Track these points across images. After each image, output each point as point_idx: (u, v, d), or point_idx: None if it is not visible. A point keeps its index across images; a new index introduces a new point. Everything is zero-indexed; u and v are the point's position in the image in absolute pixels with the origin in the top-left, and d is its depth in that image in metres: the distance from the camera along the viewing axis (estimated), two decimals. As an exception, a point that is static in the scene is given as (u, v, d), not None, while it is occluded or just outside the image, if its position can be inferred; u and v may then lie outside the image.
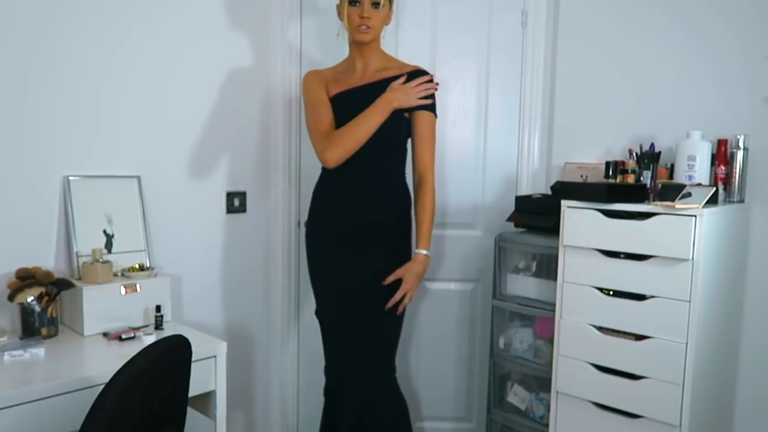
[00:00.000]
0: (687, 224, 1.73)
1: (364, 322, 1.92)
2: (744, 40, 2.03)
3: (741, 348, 2.08)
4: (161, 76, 2.11)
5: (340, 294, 1.96)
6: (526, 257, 2.33)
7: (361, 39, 1.91)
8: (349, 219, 1.93)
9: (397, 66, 1.99)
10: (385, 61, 2.00)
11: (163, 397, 1.35)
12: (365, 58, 1.98)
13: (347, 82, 1.96)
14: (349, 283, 1.94)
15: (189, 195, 2.23)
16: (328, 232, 1.96)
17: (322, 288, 2.02)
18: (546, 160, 2.50)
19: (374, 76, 1.96)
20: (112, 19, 1.98)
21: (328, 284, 1.99)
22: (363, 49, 1.96)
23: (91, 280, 1.81)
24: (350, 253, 1.92)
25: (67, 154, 1.91)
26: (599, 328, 1.94)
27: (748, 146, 1.97)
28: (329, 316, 2.00)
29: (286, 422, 2.60)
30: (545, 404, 2.25)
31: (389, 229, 1.94)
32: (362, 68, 1.98)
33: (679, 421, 1.78)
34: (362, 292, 1.92)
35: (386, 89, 1.89)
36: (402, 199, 1.98)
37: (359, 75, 1.97)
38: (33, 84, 1.83)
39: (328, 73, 2.02)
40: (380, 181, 1.94)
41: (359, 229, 1.92)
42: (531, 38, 2.43)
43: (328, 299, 2.00)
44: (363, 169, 1.90)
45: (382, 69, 1.97)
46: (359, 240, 1.92)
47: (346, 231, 1.93)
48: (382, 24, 1.93)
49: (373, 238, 1.92)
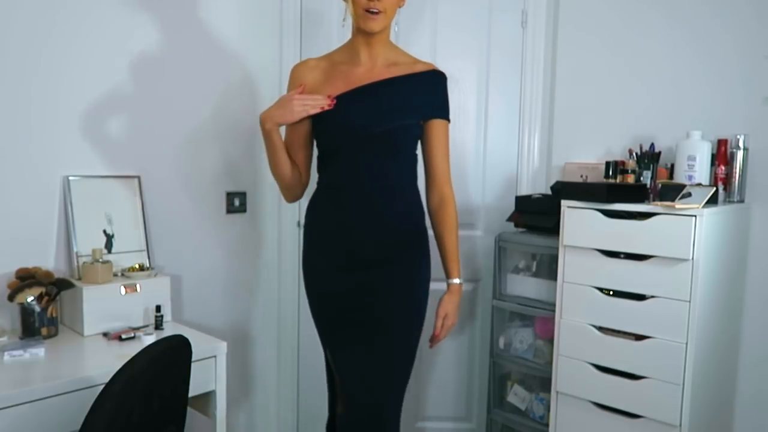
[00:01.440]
0: (687, 224, 1.74)
1: (386, 360, 1.62)
2: (744, 41, 2.03)
3: (741, 348, 2.08)
4: (161, 76, 2.11)
5: (354, 330, 1.64)
6: (526, 257, 2.33)
7: (370, 28, 1.56)
8: (358, 240, 1.62)
9: (408, 62, 1.69)
10: (396, 55, 1.68)
11: (163, 396, 1.35)
12: (373, 48, 1.63)
13: (350, 77, 1.63)
14: (364, 317, 1.63)
15: (189, 195, 2.23)
16: (332, 258, 1.66)
17: (331, 325, 1.69)
18: (546, 160, 2.50)
19: (383, 72, 1.63)
20: (113, 20, 1.98)
21: (338, 320, 1.67)
22: (371, 38, 1.61)
23: (91, 280, 1.81)
24: (362, 281, 1.62)
25: (67, 154, 1.91)
26: (599, 328, 1.94)
27: (748, 146, 1.97)
28: (343, 358, 1.66)
29: (286, 422, 2.60)
30: (545, 404, 2.25)
31: (407, 247, 1.66)
32: (369, 61, 1.64)
33: (679, 421, 1.78)
34: (383, 325, 1.62)
35: (398, 90, 1.62)
36: (418, 209, 1.71)
37: (365, 69, 1.64)
38: (33, 84, 1.83)
39: (323, 64, 1.68)
40: (392, 192, 1.64)
41: (370, 252, 1.62)
42: (531, 38, 2.43)
43: (339, 338, 1.67)
44: (369, 180, 1.61)
45: (392, 64, 1.65)
46: (371, 264, 1.62)
47: (355, 255, 1.62)
48: (395, 7, 1.58)
49: (388, 258, 1.63)
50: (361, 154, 1.61)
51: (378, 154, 1.60)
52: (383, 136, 1.60)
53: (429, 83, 1.68)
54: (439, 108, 1.70)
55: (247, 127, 2.38)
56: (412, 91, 1.65)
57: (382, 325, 1.63)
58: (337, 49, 1.72)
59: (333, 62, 1.68)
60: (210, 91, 2.26)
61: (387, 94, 1.61)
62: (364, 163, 1.60)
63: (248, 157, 2.41)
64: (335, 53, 1.71)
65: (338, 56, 1.69)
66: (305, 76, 1.67)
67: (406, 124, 1.63)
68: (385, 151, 1.61)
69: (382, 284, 1.63)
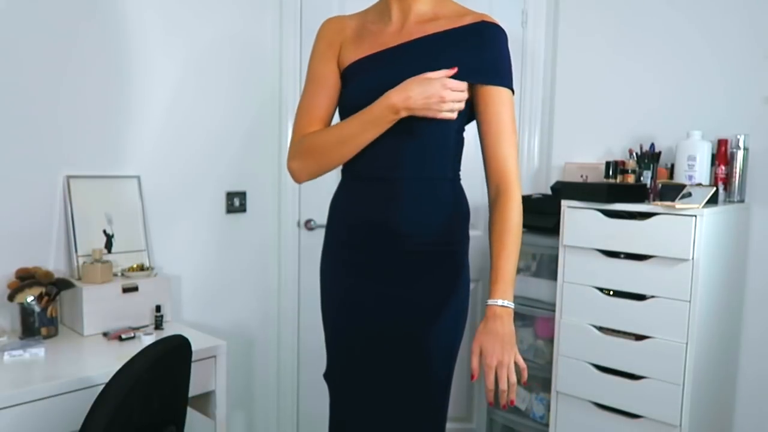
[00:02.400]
0: (687, 224, 1.73)
1: (410, 391, 1.29)
2: (744, 40, 2.03)
3: (741, 348, 2.08)
4: (161, 76, 2.11)
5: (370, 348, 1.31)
6: (526, 257, 2.33)
7: None
8: (382, 244, 1.28)
9: (453, 14, 1.29)
10: (439, 7, 1.31)
11: (163, 396, 1.35)
12: (405, 1, 1.28)
13: (375, 39, 1.30)
14: (386, 333, 1.30)
15: (189, 195, 2.23)
16: (350, 262, 1.33)
17: (341, 339, 1.36)
18: (546, 160, 2.50)
19: (415, 30, 1.28)
20: (112, 20, 1.98)
21: (350, 334, 1.34)
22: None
23: (91, 280, 1.81)
24: (384, 292, 1.29)
25: (67, 154, 1.91)
26: (599, 328, 1.94)
27: (748, 146, 1.97)
28: (351, 383, 1.34)
29: (286, 422, 2.60)
30: (545, 404, 2.25)
31: (442, 257, 1.30)
32: (400, 17, 1.29)
33: (679, 421, 1.78)
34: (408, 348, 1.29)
35: (429, 51, 1.25)
36: (462, 210, 1.36)
37: (394, 28, 1.29)
38: (33, 84, 1.83)
39: (352, 22, 1.35)
40: (430, 189, 1.29)
41: (398, 259, 1.28)
42: (531, 38, 2.43)
43: (350, 356, 1.34)
44: (405, 173, 1.27)
45: (429, 19, 1.29)
46: (396, 272, 1.29)
47: (377, 261, 1.29)
48: None
49: (417, 269, 1.29)
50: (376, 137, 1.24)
51: (396, 138, 1.24)
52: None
53: (477, 39, 1.26)
54: (493, 71, 1.26)
55: (247, 127, 2.38)
56: (451, 51, 1.25)
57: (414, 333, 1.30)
58: (372, 6, 1.38)
59: (364, 21, 1.35)
60: (209, 91, 2.26)
61: (411, 58, 1.24)
62: (380, 149, 1.25)
63: (248, 157, 2.41)
64: (369, 11, 1.37)
65: (371, 14, 1.36)
66: (338, 33, 1.34)
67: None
68: (405, 134, 1.24)
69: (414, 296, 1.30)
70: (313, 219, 2.50)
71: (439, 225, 1.29)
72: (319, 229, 2.51)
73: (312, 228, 2.51)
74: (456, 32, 1.26)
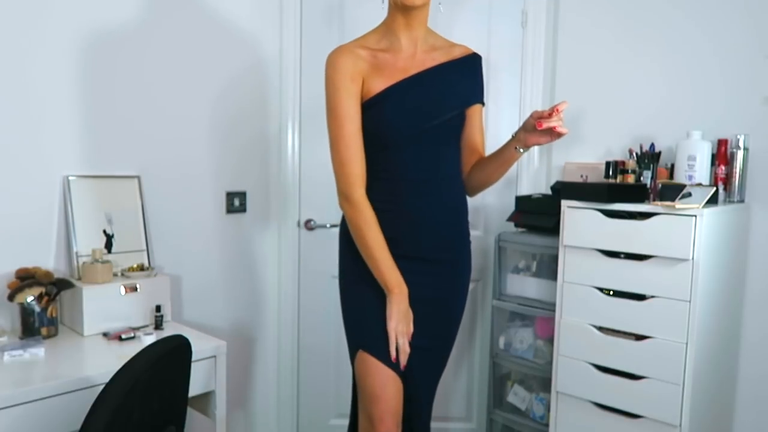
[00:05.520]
0: (687, 224, 1.73)
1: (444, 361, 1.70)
2: (744, 40, 2.02)
3: (741, 348, 2.08)
4: (161, 76, 2.11)
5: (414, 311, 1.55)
6: (526, 257, 2.33)
7: (412, 2, 1.43)
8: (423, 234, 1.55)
9: (445, 45, 1.59)
10: (433, 38, 1.58)
11: (163, 396, 1.35)
12: (413, 31, 1.50)
13: (393, 66, 1.50)
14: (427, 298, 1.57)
15: (189, 195, 2.23)
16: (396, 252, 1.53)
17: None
18: (546, 160, 2.50)
19: (426, 59, 1.53)
20: (111, 20, 1.98)
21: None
22: (412, 19, 1.48)
23: (91, 280, 1.81)
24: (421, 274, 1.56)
25: (67, 154, 1.91)
26: (599, 328, 1.94)
27: (748, 146, 1.97)
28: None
29: (286, 422, 2.60)
30: (545, 404, 2.25)
31: (465, 242, 1.66)
32: (409, 45, 1.52)
33: (679, 421, 1.78)
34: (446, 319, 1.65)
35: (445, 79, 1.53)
36: (466, 201, 1.69)
37: (408, 55, 1.52)
38: (33, 84, 1.83)
39: (362, 52, 1.51)
40: (454, 185, 1.61)
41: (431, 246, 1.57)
42: (531, 38, 2.43)
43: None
44: (436, 172, 1.55)
45: (430, 48, 1.56)
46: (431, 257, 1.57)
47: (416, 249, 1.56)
48: None
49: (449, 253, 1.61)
50: (417, 145, 1.51)
51: (434, 145, 1.52)
52: (438, 126, 1.52)
53: (470, 68, 1.61)
54: (480, 93, 1.65)
55: (247, 127, 2.38)
56: (457, 79, 1.57)
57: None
58: (369, 33, 1.56)
59: (371, 50, 1.52)
60: (210, 91, 2.26)
61: (436, 83, 1.52)
62: (425, 154, 1.51)
63: (248, 157, 2.41)
64: (369, 38, 1.55)
65: (374, 42, 1.54)
66: (356, 65, 1.49)
67: (457, 113, 1.57)
68: (439, 142, 1.54)
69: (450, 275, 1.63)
70: (313, 219, 2.50)
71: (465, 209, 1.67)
72: (319, 229, 2.51)
73: (312, 228, 2.51)
74: (456, 63, 1.58)
